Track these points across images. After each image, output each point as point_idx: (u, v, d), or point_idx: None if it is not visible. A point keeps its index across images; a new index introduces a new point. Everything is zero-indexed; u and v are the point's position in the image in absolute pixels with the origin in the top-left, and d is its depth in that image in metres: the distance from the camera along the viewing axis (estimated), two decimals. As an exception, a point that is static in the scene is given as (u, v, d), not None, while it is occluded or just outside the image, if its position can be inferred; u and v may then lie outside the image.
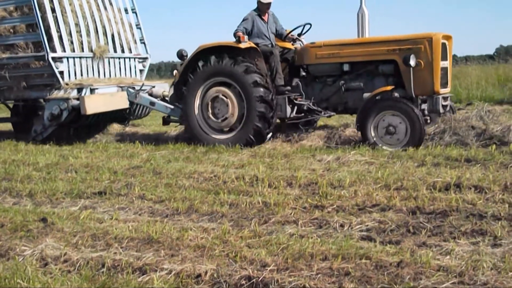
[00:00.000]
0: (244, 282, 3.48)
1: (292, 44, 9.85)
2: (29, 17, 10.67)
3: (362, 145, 8.00)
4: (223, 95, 9.06)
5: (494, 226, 4.31)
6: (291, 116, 9.29)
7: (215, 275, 3.58)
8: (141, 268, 3.79)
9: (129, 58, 11.98)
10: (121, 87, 10.81)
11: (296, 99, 9.24)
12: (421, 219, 4.61)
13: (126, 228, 4.72)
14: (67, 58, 10.51)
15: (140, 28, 12.44)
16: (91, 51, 11.00)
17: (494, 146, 7.31)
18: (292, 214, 4.96)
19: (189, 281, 3.53)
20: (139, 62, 12.29)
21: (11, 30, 10.89)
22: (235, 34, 9.22)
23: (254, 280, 3.46)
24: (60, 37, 10.46)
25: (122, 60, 11.77)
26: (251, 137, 8.84)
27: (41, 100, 11.42)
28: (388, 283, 3.30)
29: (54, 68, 10.29)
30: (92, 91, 10.30)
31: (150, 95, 10.61)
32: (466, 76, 17.87)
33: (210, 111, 9.18)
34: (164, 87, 11.16)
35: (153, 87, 10.97)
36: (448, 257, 3.75)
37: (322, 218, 4.78)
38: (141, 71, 12.35)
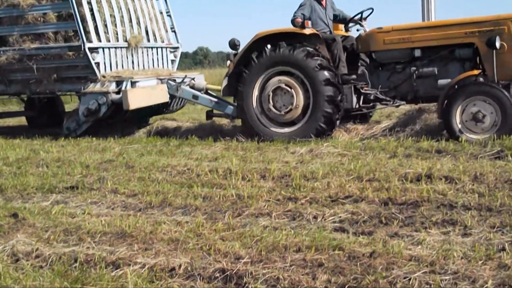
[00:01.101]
0: (218, 274, 3.48)
1: (356, 30, 9.23)
2: (62, 5, 10.06)
3: (334, 137, 8.03)
4: (286, 85, 8.45)
5: (464, 216, 4.37)
6: (357, 106, 8.70)
7: (189, 268, 3.58)
8: (114, 262, 3.77)
9: (162, 48, 11.35)
10: (160, 79, 10.19)
11: (362, 88, 8.66)
12: (393, 210, 4.66)
13: (99, 223, 4.68)
14: (103, 48, 9.91)
15: (170, 16, 11.79)
16: (126, 41, 10.36)
17: (464, 137, 7.41)
18: (266, 207, 4.97)
19: (163, 275, 3.52)
20: (170, 52, 11.68)
21: (40, 18, 10.23)
22: (293, 21, 8.63)
23: (228, 272, 3.47)
24: (95, 27, 9.84)
25: (155, 50, 11.16)
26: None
27: (58, 93, 10.80)
28: (360, 274, 3.33)
29: (91, 59, 9.67)
30: (132, 84, 9.69)
31: (192, 87, 10.01)
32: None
33: (271, 103, 8.54)
34: (200, 78, 10.63)
35: (193, 79, 10.37)
36: (419, 247, 3.80)
37: (295, 210, 4.81)
38: (172, 61, 11.72)
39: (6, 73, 10.53)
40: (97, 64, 9.77)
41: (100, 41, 9.87)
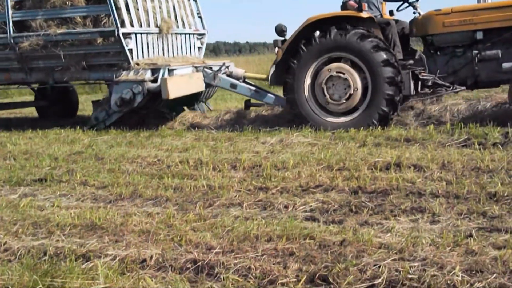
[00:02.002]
0: (189, 265, 3.48)
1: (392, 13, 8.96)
2: None
3: (305, 127, 8.07)
4: (340, 72, 7.97)
5: (433, 203, 4.44)
6: (414, 93, 8.31)
7: (160, 260, 3.57)
8: (85, 255, 3.74)
9: (189, 34, 10.82)
10: (195, 67, 9.72)
11: (420, 74, 8.23)
12: (363, 198, 4.71)
13: (68, 215, 4.64)
14: (135, 34, 9.30)
15: (196, 0, 11.27)
16: (157, 26, 9.81)
17: (432, 126, 7.50)
18: (237, 197, 4.98)
19: (134, 266, 3.51)
20: (197, 38, 11.17)
21: (67, 2, 9.51)
22: (346, 4, 8.33)
23: (200, 263, 3.47)
24: (128, 11, 9.25)
25: (183, 37, 10.62)
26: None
27: (69, 82, 10.25)
28: (331, 262, 3.36)
29: (124, 45, 9.07)
30: (170, 72, 9.11)
31: (229, 76, 9.55)
32: None
33: (325, 91, 8.07)
34: (232, 66, 10.09)
35: (227, 66, 9.88)
36: (389, 234, 3.85)
37: (266, 200, 4.82)
38: (199, 48, 11.21)
39: (28, 60, 9.90)
40: (130, 50, 9.21)
41: (133, 26, 9.30)
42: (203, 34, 11.29)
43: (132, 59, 9.20)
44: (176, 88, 8.78)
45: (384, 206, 4.48)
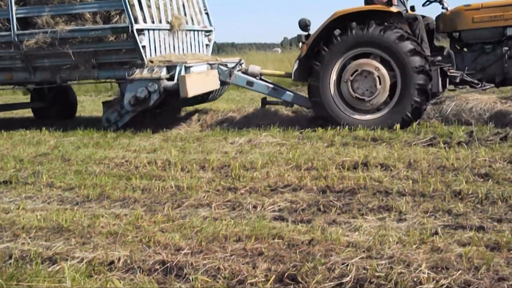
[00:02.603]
0: (158, 266, 3.46)
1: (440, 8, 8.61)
2: None
3: (273, 127, 8.09)
4: (371, 69, 7.78)
5: (399, 202, 4.50)
6: (441, 90, 8.11)
7: (128, 261, 3.54)
8: (51, 257, 3.69)
9: (198, 31, 10.44)
10: (210, 64, 9.39)
11: (448, 71, 8.04)
12: (331, 197, 4.75)
13: (34, 218, 4.57)
14: (148, 30, 8.89)
15: None
16: (168, 22, 9.43)
17: (398, 125, 7.59)
18: (205, 197, 4.97)
19: (101, 269, 3.47)
20: (205, 35, 10.75)
21: None
22: None
23: (168, 264, 3.45)
24: (140, 6, 8.84)
25: (192, 34, 10.24)
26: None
27: (69, 83, 9.87)
28: (300, 261, 3.38)
29: (138, 42, 8.65)
30: (186, 69, 8.73)
31: (245, 73, 9.25)
32: None
33: (352, 89, 7.87)
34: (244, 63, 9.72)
35: (242, 64, 9.53)
36: (356, 233, 3.88)
37: (235, 200, 4.82)
38: (207, 45, 10.79)
39: (32, 59, 9.41)
40: (144, 47, 8.78)
41: (145, 22, 8.89)
42: (210, 31, 10.93)
43: (146, 56, 8.83)
44: (194, 86, 8.46)
45: (352, 205, 4.52)
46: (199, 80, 8.66)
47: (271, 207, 4.61)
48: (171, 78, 8.59)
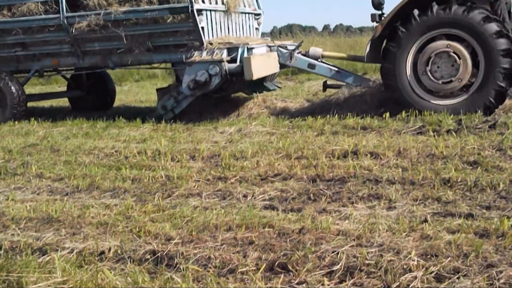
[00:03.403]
0: (148, 256, 3.46)
1: None
2: None
3: (263, 116, 8.08)
4: (453, 52, 7.30)
5: (389, 190, 4.52)
6: None
7: (119, 251, 3.54)
8: (41, 248, 3.68)
9: (249, 13, 9.99)
10: (269, 46, 9.01)
11: None
12: (321, 186, 4.76)
13: (23, 209, 4.55)
14: (206, 11, 8.46)
15: None
16: (223, 3, 9.05)
17: (388, 114, 7.60)
18: (196, 187, 4.97)
19: (92, 259, 3.47)
20: (255, 19, 10.31)
21: None
22: None
23: (159, 254, 3.45)
24: None
25: (244, 16, 9.81)
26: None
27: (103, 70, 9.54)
28: (290, 250, 3.39)
29: (198, 23, 8.21)
30: (249, 51, 8.36)
31: (305, 55, 8.85)
32: None
33: (431, 73, 7.41)
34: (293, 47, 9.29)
35: (300, 45, 9.17)
36: (346, 221, 3.90)
37: (225, 190, 4.83)
38: (256, 29, 10.34)
39: (82, 43, 9.01)
40: (202, 28, 8.35)
41: (204, 2, 8.51)
42: (259, 14, 10.48)
43: (204, 38, 8.41)
44: (259, 68, 8.11)
45: (342, 194, 4.54)
46: (263, 62, 8.36)
47: (261, 196, 4.61)
48: (232, 61, 8.26)
